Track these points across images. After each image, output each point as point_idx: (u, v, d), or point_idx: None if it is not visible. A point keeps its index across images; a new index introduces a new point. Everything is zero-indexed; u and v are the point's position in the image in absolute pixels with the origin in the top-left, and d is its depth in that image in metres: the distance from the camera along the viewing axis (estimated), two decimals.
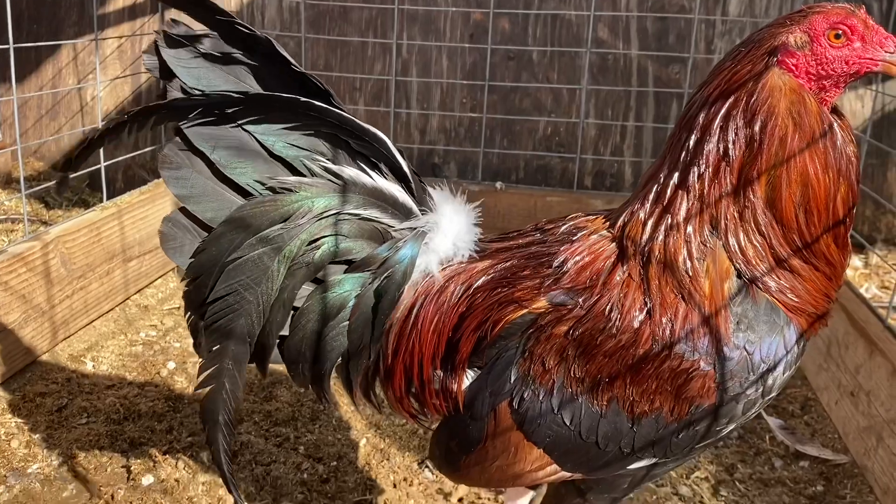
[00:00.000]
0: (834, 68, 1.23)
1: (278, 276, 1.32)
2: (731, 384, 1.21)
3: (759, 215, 1.23)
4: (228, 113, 1.28)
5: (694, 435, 1.26)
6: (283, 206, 1.31)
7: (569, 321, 1.26)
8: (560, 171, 3.76)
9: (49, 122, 4.06)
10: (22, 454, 2.09)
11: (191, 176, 1.31)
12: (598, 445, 1.27)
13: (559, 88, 3.67)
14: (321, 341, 1.38)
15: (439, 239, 1.39)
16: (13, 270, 2.38)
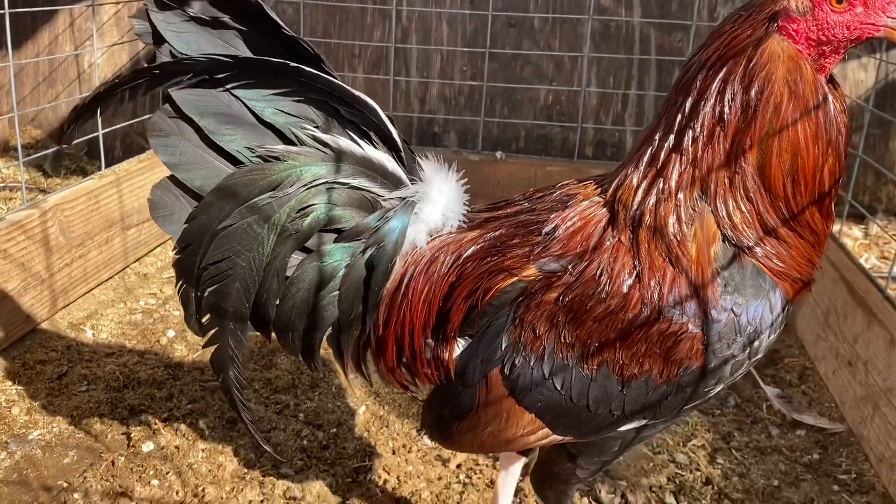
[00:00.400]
0: (835, 34, 1.21)
1: (268, 244, 1.32)
2: (718, 346, 1.22)
3: (748, 182, 1.23)
4: (218, 77, 1.27)
5: (683, 396, 1.27)
6: (271, 174, 1.30)
7: (558, 288, 1.27)
8: (561, 141, 3.74)
9: (46, 89, 4.03)
10: (23, 421, 2.10)
11: (179, 143, 1.30)
12: (589, 409, 1.28)
13: (561, 56, 3.64)
14: (311, 311, 1.38)
15: (429, 209, 1.39)
16: (12, 238, 2.38)
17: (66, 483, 1.88)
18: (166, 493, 1.87)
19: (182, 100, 1.29)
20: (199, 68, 1.26)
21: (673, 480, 2.02)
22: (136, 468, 1.93)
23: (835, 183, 1.26)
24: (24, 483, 1.88)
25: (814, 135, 1.22)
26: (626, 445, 1.40)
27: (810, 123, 1.22)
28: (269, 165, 1.31)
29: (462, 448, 1.49)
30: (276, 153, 1.31)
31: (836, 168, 1.25)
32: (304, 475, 1.96)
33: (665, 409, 1.28)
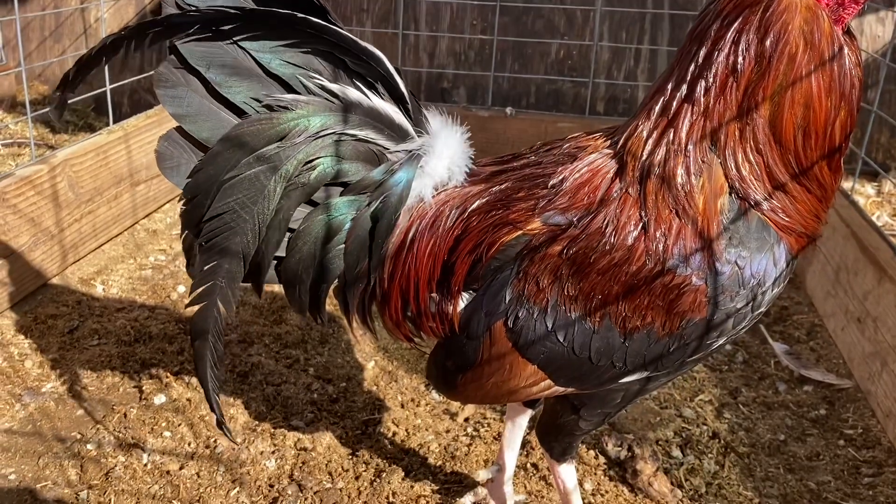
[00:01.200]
0: None
1: (274, 195, 1.31)
2: (721, 298, 1.22)
3: (759, 134, 1.21)
4: (224, 29, 1.26)
5: (685, 349, 1.27)
6: (278, 124, 1.29)
7: (563, 241, 1.27)
8: (572, 96, 3.70)
9: (53, 44, 4.01)
10: (36, 374, 2.13)
11: (186, 95, 1.29)
12: (591, 360, 1.29)
13: (573, 10, 3.59)
14: (318, 264, 1.39)
15: (434, 162, 1.38)
16: (21, 193, 2.38)
17: (80, 434, 1.91)
18: (178, 445, 1.89)
19: (188, 51, 1.27)
20: (205, 20, 1.24)
21: (679, 434, 2.03)
22: (148, 420, 1.96)
23: (845, 137, 1.24)
24: (38, 434, 1.91)
25: (827, 87, 1.20)
26: (630, 398, 1.40)
27: (824, 76, 1.19)
28: (276, 114, 1.30)
29: (466, 399, 1.49)
30: (283, 102, 1.30)
31: (847, 122, 1.23)
32: (314, 427, 1.98)
33: (668, 361, 1.29)
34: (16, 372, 2.12)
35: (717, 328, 1.25)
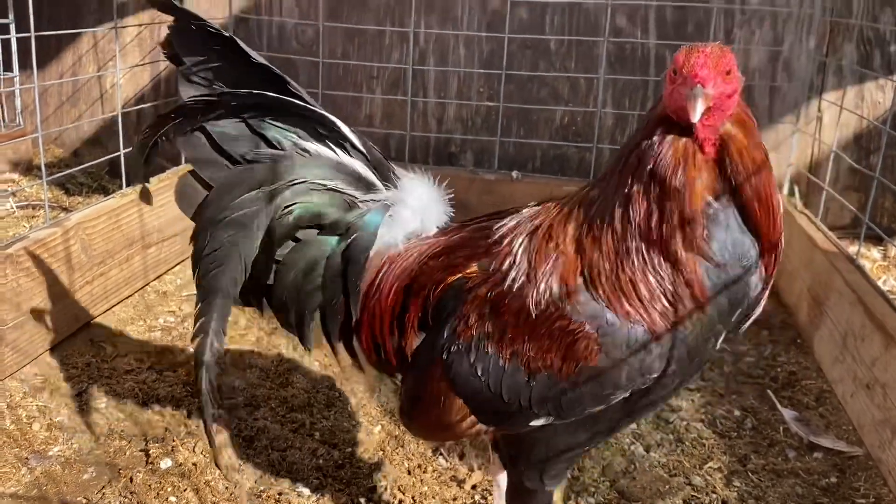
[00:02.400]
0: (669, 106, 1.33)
1: (258, 233, 1.52)
2: (612, 351, 1.30)
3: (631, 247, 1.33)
4: (223, 110, 1.53)
5: (581, 396, 1.34)
6: (258, 173, 1.52)
7: (489, 284, 1.41)
8: (577, 161, 3.75)
9: (69, 108, 4.10)
10: (43, 437, 2.13)
11: (199, 142, 1.53)
12: (503, 398, 1.38)
13: (576, 78, 3.66)
14: (299, 294, 1.58)
15: (406, 213, 1.57)
16: (35, 256, 2.42)
17: (85, 499, 1.90)
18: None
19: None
20: (211, 106, 1.51)
21: (689, 503, 2.01)
22: (154, 485, 1.95)
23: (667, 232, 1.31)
24: (43, 499, 1.90)
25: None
26: (554, 453, 1.47)
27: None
28: (256, 165, 1.52)
29: (419, 432, 1.63)
30: (264, 156, 1.52)
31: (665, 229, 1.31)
32: (319, 494, 1.97)
33: (567, 406, 1.36)
34: (23, 435, 2.12)
35: (610, 380, 1.32)
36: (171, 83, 3.94)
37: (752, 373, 2.65)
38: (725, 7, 3.49)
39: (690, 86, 1.26)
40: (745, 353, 2.77)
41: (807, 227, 3.06)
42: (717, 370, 2.65)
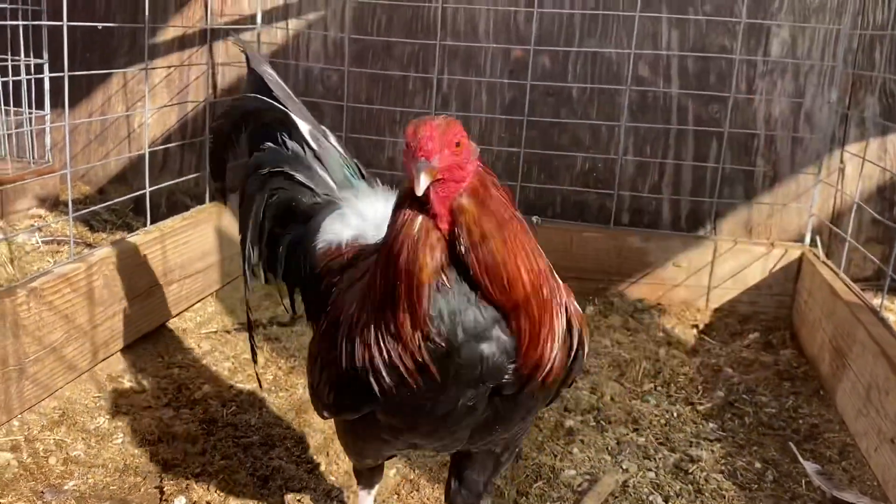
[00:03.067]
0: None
1: (262, 207, 1.98)
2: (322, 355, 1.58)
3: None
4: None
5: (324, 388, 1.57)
6: (257, 160, 2.01)
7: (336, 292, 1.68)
8: (597, 207, 3.76)
9: (97, 147, 4.17)
10: (59, 471, 2.13)
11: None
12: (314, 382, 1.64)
13: (598, 125, 3.69)
14: (288, 269, 1.96)
15: (355, 219, 1.83)
16: (58, 291, 2.44)
17: None
18: None
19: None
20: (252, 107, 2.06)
21: None
22: None
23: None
24: None
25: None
26: (345, 444, 1.75)
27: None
28: (258, 153, 2.01)
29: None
30: (264, 148, 2.00)
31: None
32: None
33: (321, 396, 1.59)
34: (39, 468, 2.12)
35: (319, 396, 1.59)
36: (198, 123, 4.01)
37: (773, 424, 2.61)
38: (747, 58, 3.52)
39: (416, 160, 1.31)
40: (765, 403, 2.73)
41: (829, 277, 3.04)
42: (737, 421, 2.62)
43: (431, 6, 3.69)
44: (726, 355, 3.10)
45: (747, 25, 3.47)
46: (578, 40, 3.63)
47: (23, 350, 2.31)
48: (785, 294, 3.44)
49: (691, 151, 3.66)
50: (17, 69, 3.62)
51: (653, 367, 2.94)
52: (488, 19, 3.68)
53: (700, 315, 3.45)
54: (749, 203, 3.65)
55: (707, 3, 3.52)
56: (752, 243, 3.53)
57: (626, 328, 3.27)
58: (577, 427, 2.50)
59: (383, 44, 3.78)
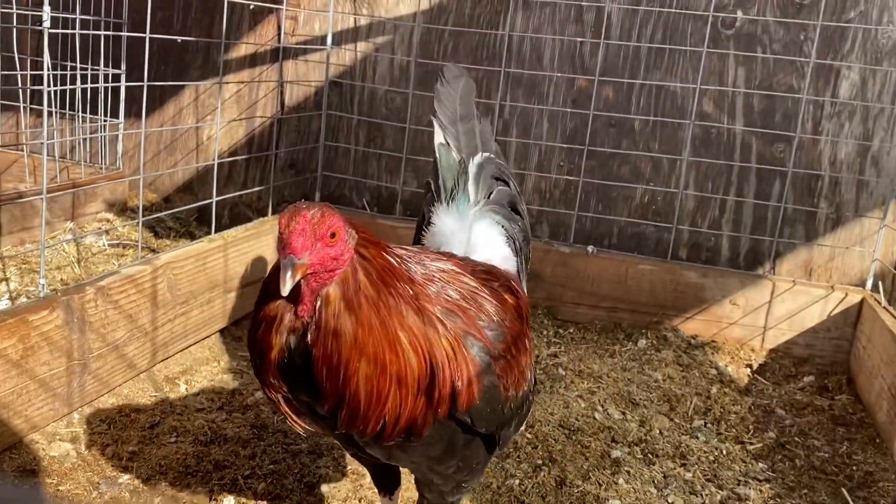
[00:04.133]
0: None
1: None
2: None
3: None
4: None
5: None
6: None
7: None
8: (655, 241, 3.74)
9: (166, 156, 4.30)
10: (114, 464, 2.19)
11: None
12: None
13: (659, 158, 3.68)
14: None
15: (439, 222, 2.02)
16: (123, 291, 2.52)
17: None
18: None
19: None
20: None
21: None
22: None
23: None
24: None
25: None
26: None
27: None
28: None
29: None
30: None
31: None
32: None
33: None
34: (96, 460, 2.19)
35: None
36: (264, 138, 4.11)
37: (825, 469, 2.55)
38: (815, 99, 3.48)
39: (284, 255, 1.32)
40: (818, 448, 2.68)
41: (890, 324, 2.98)
42: (788, 463, 2.57)
43: (498, 34, 3.75)
44: (779, 397, 3.05)
45: (816, 66, 3.45)
46: (644, 73, 3.64)
47: (87, 346, 2.39)
48: (843, 339, 3.38)
49: (753, 189, 3.62)
50: (95, 78, 3.76)
51: (703, 404, 2.91)
52: (554, 48, 3.72)
53: (754, 355, 3.40)
54: (810, 244, 3.59)
55: (776, 42, 3.50)
56: (812, 285, 3.47)
57: (678, 363, 3.24)
58: (623, 458, 2.48)
59: None
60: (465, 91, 2.18)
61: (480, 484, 2.28)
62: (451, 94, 2.15)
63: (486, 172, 2.13)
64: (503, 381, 1.60)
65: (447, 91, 2.15)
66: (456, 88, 2.17)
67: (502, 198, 2.14)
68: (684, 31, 3.57)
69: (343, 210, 3.91)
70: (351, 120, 3.98)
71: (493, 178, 2.15)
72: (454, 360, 1.51)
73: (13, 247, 3.33)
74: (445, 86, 2.16)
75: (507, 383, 1.62)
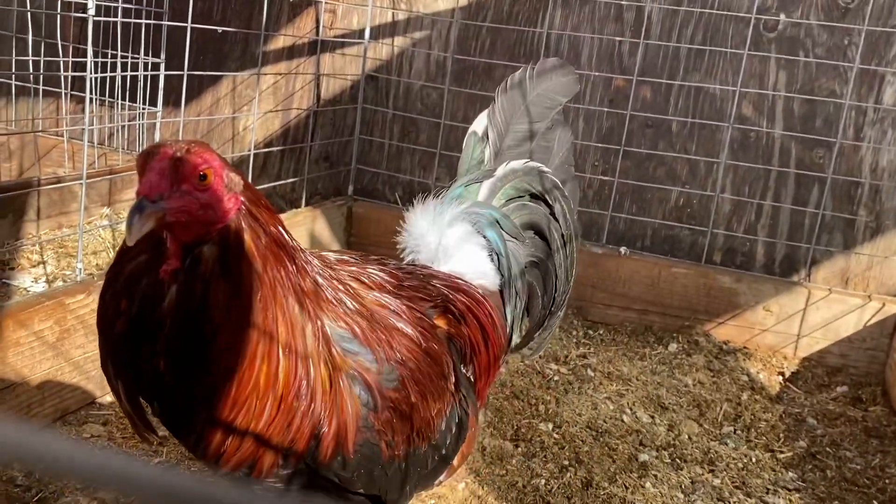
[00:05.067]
0: None
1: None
2: None
3: None
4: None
5: None
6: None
7: None
8: (689, 244, 3.71)
9: None
10: (145, 448, 2.21)
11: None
12: None
13: (696, 160, 3.64)
14: None
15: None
16: None
17: None
18: None
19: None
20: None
21: None
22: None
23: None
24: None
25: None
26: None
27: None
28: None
29: None
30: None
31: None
32: None
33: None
34: (126, 444, 2.21)
35: None
36: (298, 130, 4.13)
37: (857, 481, 2.51)
38: (857, 104, 3.42)
39: (137, 197, 1.06)
40: (850, 459, 2.63)
41: None
42: (818, 473, 2.53)
43: (536, 31, 3.73)
44: (811, 406, 3.00)
45: (860, 71, 3.39)
46: (682, 74, 3.60)
47: None
48: (879, 349, 3.32)
49: (791, 194, 3.57)
50: (135, 66, 3.80)
51: (734, 411, 2.87)
52: (592, 47, 3.69)
53: (787, 363, 3.36)
54: (847, 252, 3.53)
55: (819, 46, 3.45)
56: (848, 294, 3.42)
57: (709, 368, 3.21)
58: (651, 462, 2.46)
59: (485, 65, 3.83)
60: (550, 88, 1.99)
61: (506, 482, 2.28)
62: (529, 89, 1.95)
63: (520, 182, 1.91)
64: (385, 438, 1.28)
65: (525, 85, 1.95)
66: (539, 84, 1.96)
67: (520, 214, 1.91)
68: (725, 33, 3.52)
69: (376, 204, 3.96)
70: (386, 114, 3.98)
71: (531, 193, 1.93)
72: (327, 394, 1.19)
73: (51, 231, 3.38)
74: (530, 77, 1.96)
75: (394, 440, 1.30)
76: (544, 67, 1.99)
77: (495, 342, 1.69)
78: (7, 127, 4.20)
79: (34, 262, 3.00)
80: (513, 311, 1.87)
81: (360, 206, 3.91)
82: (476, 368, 1.64)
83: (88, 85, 2.57)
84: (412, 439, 1.35)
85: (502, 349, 1.77)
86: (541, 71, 1.97)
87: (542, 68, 1.98)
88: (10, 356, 2.08)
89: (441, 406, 1.41)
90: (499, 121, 1.93)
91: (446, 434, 1.45)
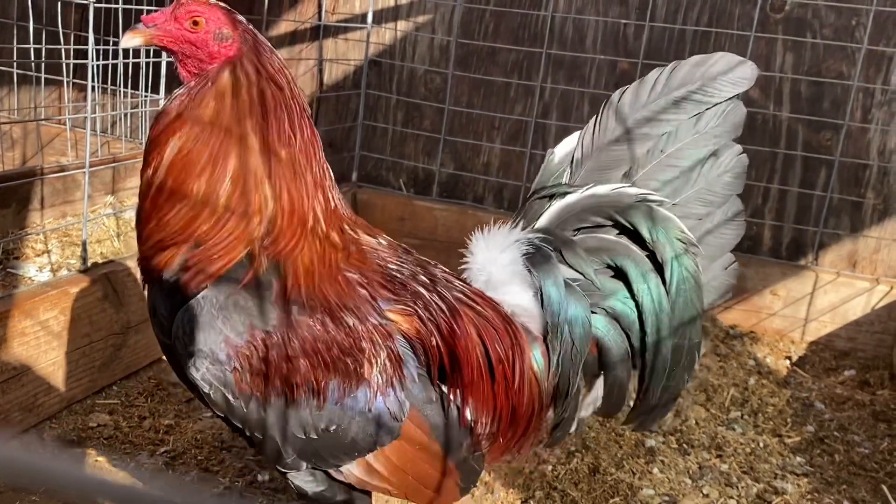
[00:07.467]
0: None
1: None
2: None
3: None
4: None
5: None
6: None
7: None
8: None
9: None
10: (151, 437, 2.21)
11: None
12: None
13: None
14: None
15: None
16: None
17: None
18: None
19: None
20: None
21: None
22: (248, 495, 1.99)
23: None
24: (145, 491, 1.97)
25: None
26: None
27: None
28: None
29: None
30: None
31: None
32: None
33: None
34: (133, 432, 2.21)
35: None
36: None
37: (865, 465, 2.50)
38: (865, 86, 3.39)
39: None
40: (858, 443, 2.63)
41: None
42: (826, 457, 2.52)
43: (540, 14, 3.70)
44: (819, 390, 2.99)
45: (868, 52, 3.35)
46: (688, 56, 3.56)
47: (126, 318, 2.41)
48: (887, 332, 3.30)
49: (798, 178, 3.55)
50: (136, 53, 3.78)
51: (741, 395, 2.86)
52: (597, 30, 3.66)
53: (794, 347, 3.34)
54: (855, 235, 3.51)
55: (826, 27, 3.41)
56: (856, 277, 3.40)
57: (715, 353, 3.20)
58: (658, 447, 2.46)
59: (489, 49, 3.80)
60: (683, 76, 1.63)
61: (512, 468, 2.27)
62: (653, 94, 1.66)
63: (598, 209, 1.67)
64: (235, 365, 1.36)
65: (651, 87, 1.67)
66: (672, 84, 1.64)
67: (590, 245, 1.67)
68: (732, 15, 3.49)
69: (380, 190, 3.93)
70: (389, 99, 3.96)
71: (617, 226, 1.66)
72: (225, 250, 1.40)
73: (55, 220, 3.37)
74: (665, 75, 1.66)
75: (249, 379, 1.36)
76: (707, 62, 1.67)
77: (502, 382, 1.56)
78: (9, 115, 4.19)
79: (38, 252, 3.00)
80: (559, 366, 1.62)
81: (364, 193, 3.89)
82: (465, 395, 1.51)
83: (90, 73, 2.55)
84: (276, 389, 1.36)
85: (524, 402, 1.59)
86: (689, 66, 1.68)
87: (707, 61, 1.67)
88: (15, 346, 2.08)
89: (340, 381, 1.39)
90: (600, 129, 1.83)
91: (346, 415, 1.40)
